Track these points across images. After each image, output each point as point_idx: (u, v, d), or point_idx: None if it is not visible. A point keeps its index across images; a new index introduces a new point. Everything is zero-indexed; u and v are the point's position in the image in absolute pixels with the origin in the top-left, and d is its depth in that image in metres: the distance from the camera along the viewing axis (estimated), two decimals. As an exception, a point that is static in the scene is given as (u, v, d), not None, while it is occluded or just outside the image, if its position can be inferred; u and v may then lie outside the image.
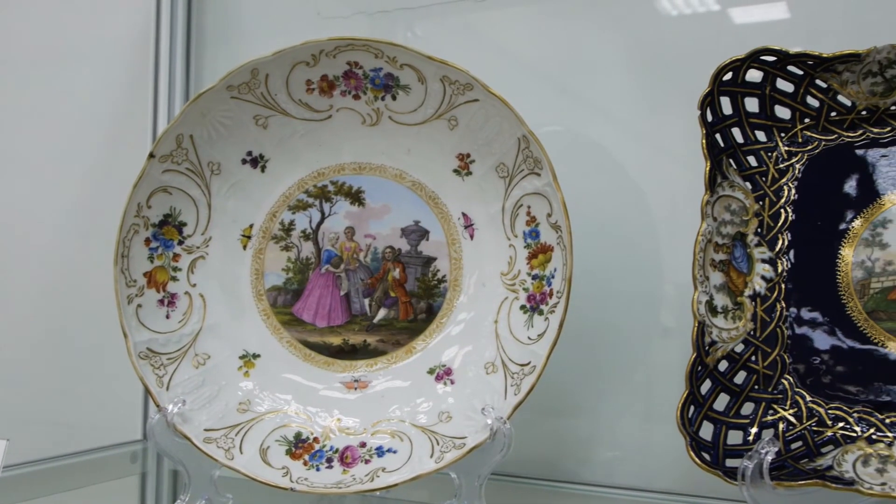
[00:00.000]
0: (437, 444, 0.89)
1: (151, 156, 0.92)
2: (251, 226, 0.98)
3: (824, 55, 0.83)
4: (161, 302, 0.94)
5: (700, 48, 0.89)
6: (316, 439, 0.92)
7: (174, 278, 0.96)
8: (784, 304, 0.85)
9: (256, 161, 0.98)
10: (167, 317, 0.94)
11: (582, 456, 1.13)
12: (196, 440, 0.87)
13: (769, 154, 0.87)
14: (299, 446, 0.91)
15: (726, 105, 0.87)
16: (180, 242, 0.96)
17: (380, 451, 0.90)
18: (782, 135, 0.87)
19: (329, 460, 0.90)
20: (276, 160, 0.98)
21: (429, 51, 0.91)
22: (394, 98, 0.95)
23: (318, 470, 0.89)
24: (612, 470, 1.11)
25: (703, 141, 0.85)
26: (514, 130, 0.90)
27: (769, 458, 0.76)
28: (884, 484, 0.74)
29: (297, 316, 0.98)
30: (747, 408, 0.84)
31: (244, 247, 0.98)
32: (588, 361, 1.12)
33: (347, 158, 0.98)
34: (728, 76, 0.86)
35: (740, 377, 0.84)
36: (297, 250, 0.98)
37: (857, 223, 0.83)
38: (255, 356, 0.96)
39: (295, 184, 0.99)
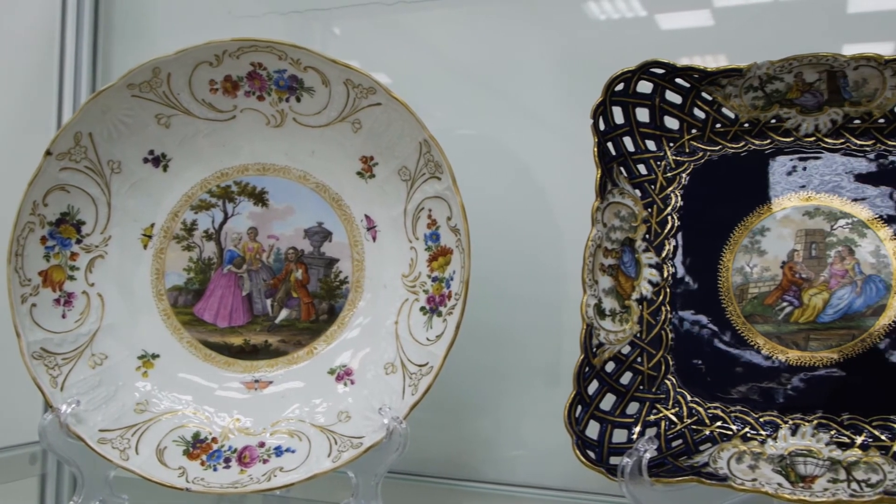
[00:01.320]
0: (336, 443, 0.90)
1: (48, 153, 0.91)
2: (152, 225, 0.98)
3: (709, 69, 0.86)
4: (57, 301, 0.93)
5: (626, 53, 0.92)
6: (214, 439, 0.92)
7: (71, 277, 0.95)
8: (669, 308, 0.88)
9: (158, 160, 0.97)
10: (63, 316, 0.93)
11: (485, 455, 1.16)
12: (90, 441, 0.87)
13: (658, 163, 0.91)
14: (197, 446, 0.91)
15: (618, 115, 0.90)
16: (78, 241, 0.95)
17: (278, 451, 0.91)
18: (671, 144, 0.91)
19: (227, 460, 0.90)
20: (178, 160, 0.98)
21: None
22: (298, 100, 0.95)
23: (215, 470, 0.89)
24: (515, 468, 1.14)
25: (595, 149, 0.88)
26: (416, 134, 0.92)
27: (647, 455, 0.79)
28: (754, 480, 0.78)
29: (198, 316, 0.97)
30: (633, 407, 0.87)
31: (145, 246, 0.98)
32: (492, 362, 1.14)
33: (251, 159, 0.98)
34: (620, 87, 0.89)
35: (626, 378, 0.87)
36: (199, 250, 0.98)
37: (737, 231, 0.87)
38: (155, 356, 0.96)
39: (198, 183, 0.98)
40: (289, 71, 0.93)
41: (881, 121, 0.84)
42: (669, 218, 0.89)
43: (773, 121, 0.87)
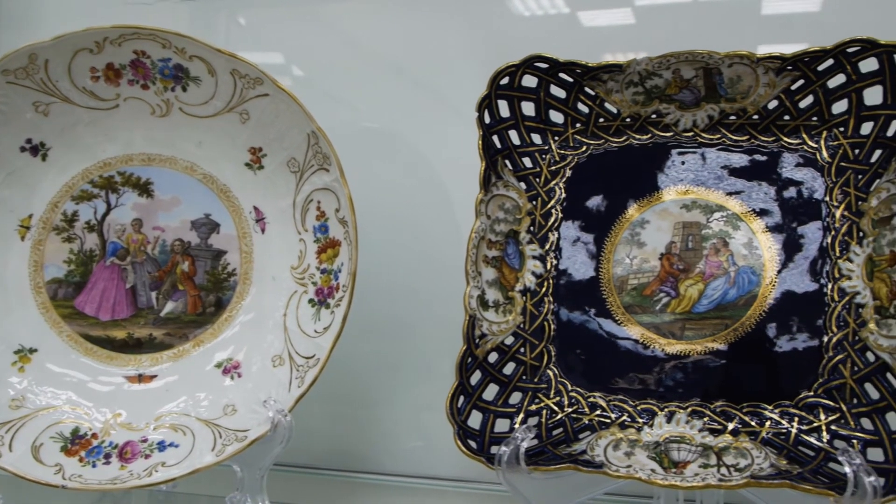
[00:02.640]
0: (220, 437, 0.88)
1: (-84, 141, 0.87)
2: (30, 216, 0.95)
3: (591, 64, 0.87)
4: (-72, 295, 0.90)
5: (548, 49, 0.92)
6: (94, 435, 0.90)
7: (-59, 270, 0.91)
8: (552, 299, 0.89)
9: (37, 149, 0.94)
10: (-67, 310, 0.90)
11: (384, 447, 1.15)
12: (-42, 439, 0.83)
13: (543, 156, 0.92)
14: (76, 443, 0.89)
15: (504, 108, 0.90)
16: (-50, 232, 0.92)
17: (161, 446, 0.89)
18: (556, 138, 0.92)
19: (107, 456, 0.88)
20: (58, 149, 0.95)
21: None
22: (184, 89, 0.93)
23: (94, 466, 0.87)
24: (414, 459, 1.14)
25: (480, 142, 0.88)
26: (304, 126, 0.91)
27: (525, 444, 0.80)
28: (629, 466, 0.79)
29: (78, 309, 0.95)
30: (515, 397, 0.88)
31: (22, 237, 0.95)
32: (389, 354, 1.14)
33: (136, 149, 0.96)
34: (505, 80, 0.89)
35: (509, 368, 0.88)
36: (81, 242, 0.95)
37: (618, 223, 0.88)
38: (32, 351, 0.93)
39: (79, 173, 0.96)
40: (173, 60, 0.91)
41: (755, 117, 0.86)
42: (553, 210, 0.90)
43: (654, 116, 0.89)
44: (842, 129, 0.84)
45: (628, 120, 0.90)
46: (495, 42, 1.15)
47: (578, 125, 0.91)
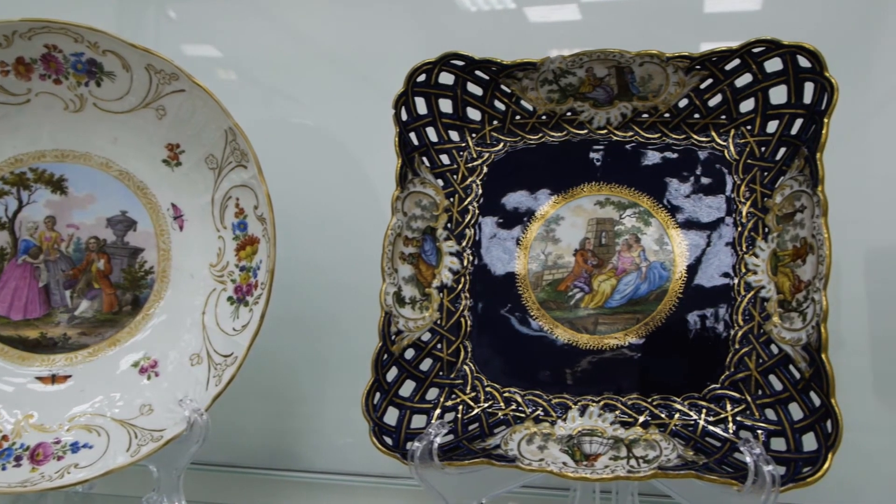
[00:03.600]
0: (136, 437, 0.87)
1: None
2: (-64, 214, 0.93)
3: (506, 62, 0.88)
4: None
5: (495, 45, 0.92)
6: (5, 437, 0.88)
7: None
8: (468, 295, 0.89)
9: (-57, 145, 0.92)
10: None
11: (315, 444, 1.15)
12: None
13: (461, 153, 0.92)
14: (-14, 445, 0.87)
15: (422, 105, 0.91)
16: None
17: (74, 447, 0.88)
18: (473, 135, 0.92)
19: (18, 458, 0.87)
20: (-34, 144, 0.93)
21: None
22: (98, 84, 0.92)
23: (3, 469, 0.85)
24: (346, 457, 1.14)
25: (396, 139, 0.88)
26: (221, 122, 0.90)
27: (438, 439, 0.80)
28: (542, 460, 0.80)
29: (-11, 309, 0.93)
30: (432, 393, 0.88)
31: (-73, 235, 0.92)
32: (317, 350, 1.14)
33: (49, 145, 0.94)
34: (422, 78, 0.89)
35: (426, 364, 0.89)
36: (-9, 240, 0.93)
37: (534, 220, 0.89)
38: (-62, 351, 0.91)
39: (-11, 170, 0.94)
40: (87, 54, 0.90)
41: (666, 115, 0.88)
42: (471, 207, 0.91)
43: (569, 113, 0.90)
44: (749, 127, 0.85)
45: (544, 117, 0.91)
46: (441, 38, 1.16)
47: (495, 122, 0.92)
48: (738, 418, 0.81)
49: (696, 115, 0.87)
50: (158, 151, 0.95)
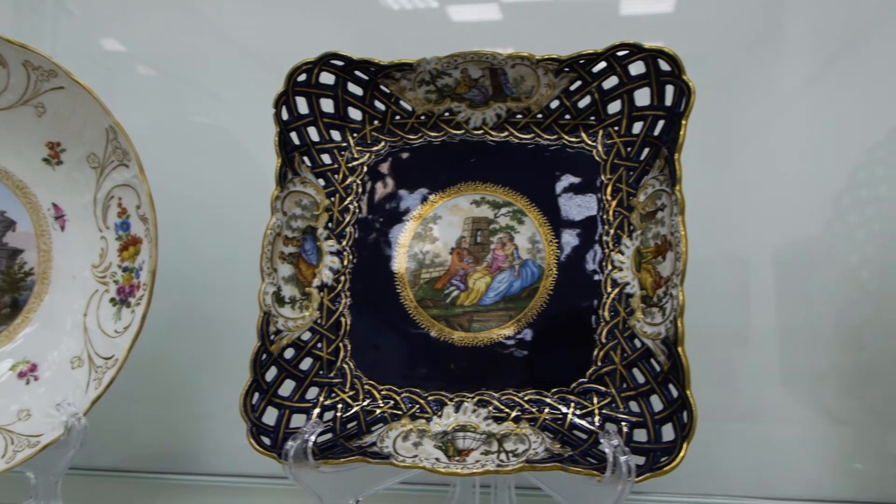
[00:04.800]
0: (12, 443, 0.86)
1: None
2: None
3: (383, 63, 0.89)
4: None
5: (417, 44, 0.93)
6: None
7: None
8: (348, 294, 0.91)
9: None
10: None
11: (213, 447, 1.15)
12: None
13: (342, 153, 0.93)
14: None
15: (303, 105, 0.91)
16: None
17: (-53, 455, 0.86)
18: (354, 135, 0.93)
19: None
20: None
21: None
22: (-27, 82, 0.91)
23: None
24: (240, 458, 1.14)
25: (276, 138, 0.89)
26: (102, 121, 0.90)
27: (313, 438, 0.81)
28: (415, 456, 0.81)
29: None
30: (312, 392, 0.89)
31: None
32: (212, 351, 1.14)
33: (-81, 144, 0.93)
34: (302, 77, 0.90)
35: (306, 363, 0.89)
36: None
37: (412, 218, 0.91)
38: None
39: None
40: (-41, 50, 0.88)
41: (539, 116, 0.90)
42: (351, 206, 0.92)
43: (447, 114, 0.92)
44: (616, 128, 0.88)
45: (423, 118, 0.92)
46: (362, 36, 1.16)
47: (376, 122, 0.93)
48: (604, 411, 0.83)
49: (567, 116, 0.89)
50: (38, 150, 0.94)
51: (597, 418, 0.83)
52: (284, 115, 0.89)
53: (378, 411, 0.87)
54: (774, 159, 1.08)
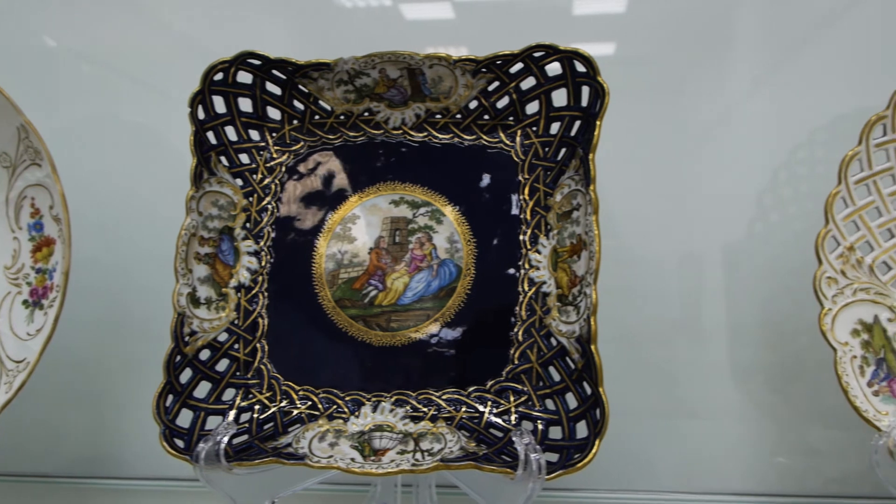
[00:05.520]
0: (-82, 449, 0.84)
1: None
2: None
3: (300, 62, 0.89)
4: None
5: (371, 41, 0.92)
6: None
7: None
8: (266, 295, 0.90)
9: None
10: None
11: (138, 450, 1.13)
12: None
13: (260, 152, 0.92)
14: None
15: (220, 104, 0.90)
16: None
17: None
18: (273, 135, 0.93)
19: None
20: None
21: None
22: None
23: None
24: (173, 461, 1.12)
25: (192, 138, 0.88)
26: (13, 119, 0.88)
27: (225, 440, 0.80)
28: (331, 457, 0.81)
29: None
30: (229, 393, 0.88)
31: None
32: (132, 353, 1.12)
33: None
34: (219, 76, 0.89)
35: (223, 365, 0.88)
36: None
37: (331, 218, 0.90)
38: None
39: None
40: None
41: (458, 116, 0.90)
42: (269, 206, 0.91)
43: (366, 114, 0.91)
44: (534, 128, 0.89)
45: (342, 117, 0.92)
46: (315, 34, 1.15)
47: (295, 122, 0.93)
48: (521, 409, 0.84)
49: (486, 117, 0.90)
50: (-53, 149, 0.91)
51: (513, 416, 0.84)
52: (201, 115, 0.88)
53: (295, 412, 0.87)
54: (715, 161, 1.09)
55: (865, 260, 0.86)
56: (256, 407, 0.87)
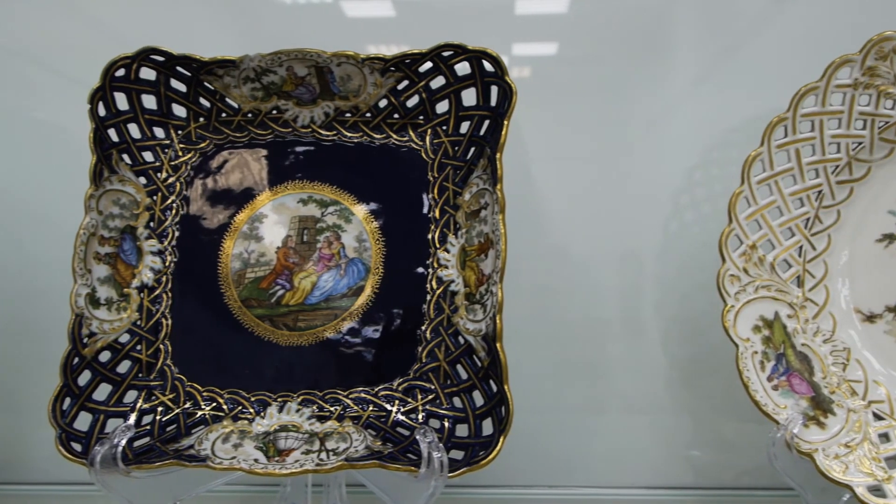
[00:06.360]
0: None
1: None
2: None
3: (205, 59, 0.87)
4: None
5: (312, 38, 0.90)
6: None
7: None
8: (170, 295, 0.88)
9: None
10: None
11: (46, 455, 1.10)
12: None
13: (165, 150, 0.91)
14: None
15: (122, 101, 0.88)
16: None
17: None
18: (179, 132, 0.91)
19: None
20: None
21: None
22: None
23: None
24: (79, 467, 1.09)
25: (91, 135, 0.86)
26: None
27: (123, 442, 0.78)
28: (234, 458, 0.79)
29: None
30: (132, 395, 0.86)
31: None
32: (42, 356, 1.08)
33: None
34: (121, 72, 0.87)
35: (124, 366, 0.86)
36: None
37: (238, 218, 0.89)
38: None
39: None
40: None
41: (368, 115, 0.90)
42: (174, 205, 0.90)
43: (274, 112, 0.90)
44: (444, 127, 0.89)
45: (249, 115, 0.91)
46: (255, 31, 1.13)
47: (201, 120, 0.91)
48: (428, 407, 0.84)
49: (396, 116, 0.90)
50: None
51: (421, 415, 0.84)
52: (101, 112, 0.86)
53: (199, 414, 0.85)
54: (642, 160, 1.11)
55: (767, 258, 0.88)
56: (159, 409, 0.85)
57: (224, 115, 0.91)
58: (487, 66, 0.85)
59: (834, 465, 0.80)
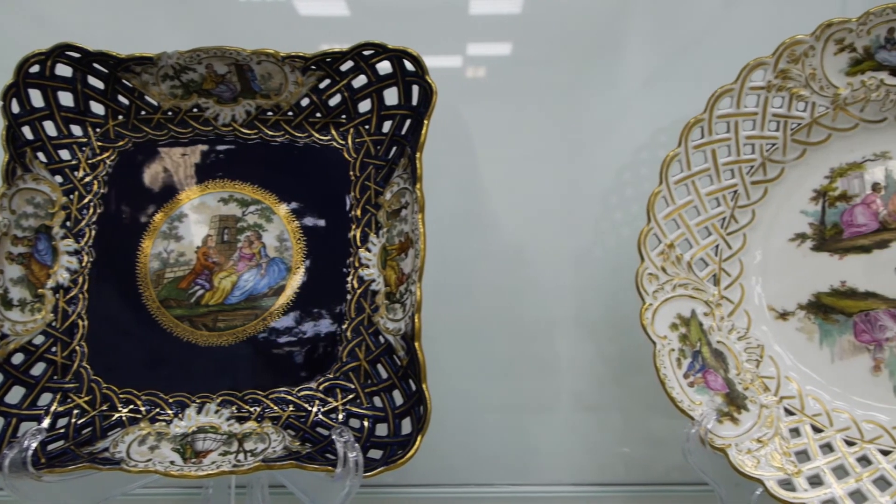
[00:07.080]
0: None
1: None
2: None
3: (121, 56, 0.86)
4: None
5: (266, 36, 0.88)
6: None
7: None
8: (87, 295, 0.87)
9: None
10: None
11: None
12: None
13: (82, 148, 0.89)
14: None
15: (37, 98, 0.87)
16: None
17: None
18: (97, 130, 0.89)
19: None
20: None
21: None
22: None
23: None
24: None
25: (4, 133, 0.84)
26: None
27: (34, 446, 0.77)
28: (149, 460, 0.78)
29: None
30: (46, 398, 0.84)
31: None
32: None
33: None
34: (35, 69, 0.85)
35: (38, 369, 0.85)
36: None
37: (157, 217, 0.88)
38: None
39: None
40: None
41: (290, 113, 0.90)
42: (92, 204, 0.88)
43: (195, 110, 0.90)
44: (367, 126, 0.89)
45: (169, 113, 0.90)
46: (204, 28, 1.11)
47: (120, 117, 0.90)
48: (349, 407, 0.84)
49: (318, 115, 0.89)
50: None
51: (341, 414, 0.84)
52: (15, 108, 0.85)
53: (116, 416, 0.84)
54: (580, 161, 1.12)
55: (684, 257, 0.90)
56: (75, 412, 0.84)
57: (143, 112, 0.90)
58: (408, 65, 0.85)
59: (746, 459, 0.81)
